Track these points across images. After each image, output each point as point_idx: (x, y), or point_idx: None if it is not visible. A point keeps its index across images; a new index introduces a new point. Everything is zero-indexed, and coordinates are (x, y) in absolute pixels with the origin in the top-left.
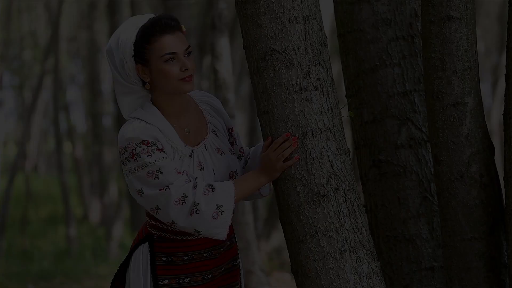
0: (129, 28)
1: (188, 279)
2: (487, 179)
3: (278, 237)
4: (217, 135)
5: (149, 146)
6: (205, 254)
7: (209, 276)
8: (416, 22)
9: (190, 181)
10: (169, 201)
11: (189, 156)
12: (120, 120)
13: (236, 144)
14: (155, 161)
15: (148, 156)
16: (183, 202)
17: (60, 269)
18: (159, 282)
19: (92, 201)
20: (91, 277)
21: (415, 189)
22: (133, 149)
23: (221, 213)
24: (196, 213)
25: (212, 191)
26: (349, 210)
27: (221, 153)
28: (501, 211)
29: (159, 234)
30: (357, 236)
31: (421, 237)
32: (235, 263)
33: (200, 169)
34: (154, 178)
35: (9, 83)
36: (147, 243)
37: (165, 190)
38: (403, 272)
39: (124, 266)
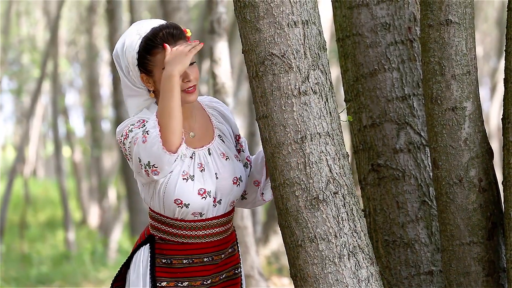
0: (133, 36)
1: (186, 282)
2: (486, 183)
3: (277, 241)
4: (223, 141)
5: (144, 123)
6: (205, 259)
7: (208, 282)
8: (415, 26)
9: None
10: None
11: (190, 157)
12: (119, 124)
13: (243, 151)
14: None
15: (139, 128)
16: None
17: (59, 273)
18: (158, 284)
19: (91, 205)
20: (90, 281)
21: (414, 193)
22: (128, 129)
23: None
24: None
25: None
26: (348, 214)
27: (226, 158)
28: (500, 216)
29: (161, 236)
30: (356, 240)
31: (419, 241)
32: (236, 271)
33: (201, 171)
34: (143, 142)
35: (7, 87)
36: (148, 244)
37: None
38: (402, 276)
39: (125, 267)
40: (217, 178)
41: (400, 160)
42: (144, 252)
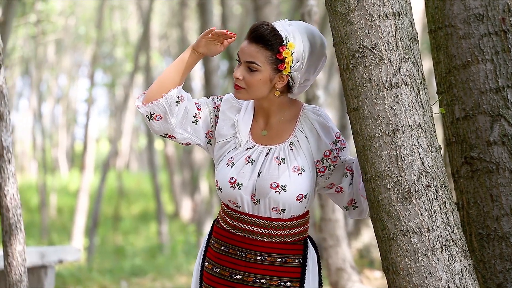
0: None
1: (218, 269)
2: None
3: (368, 234)
4: (291, 149)
5: (213, 97)
6: (239, 253)
7: (238, 277)
8: (509, 17)
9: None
10: None
11: (247, 148)
12: None
13: (329, 168)
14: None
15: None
16: None
17: (152, 265)
18: (205, 264)
19: (183, 199)
20: (182, 273)
21: (509, 186)
22: None
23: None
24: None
25: None
26: (440, 207)
27: (279, 163)
28: None
29: (218, 218)
30: (449, 234)
31: None
32: (283, 284)
33: (246, 163)
34: None
35: (101, 81)
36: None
37: None
38: (497, 270)
39: None
40: (259, 176)
41: (494, 153)
42: (209, 232)
